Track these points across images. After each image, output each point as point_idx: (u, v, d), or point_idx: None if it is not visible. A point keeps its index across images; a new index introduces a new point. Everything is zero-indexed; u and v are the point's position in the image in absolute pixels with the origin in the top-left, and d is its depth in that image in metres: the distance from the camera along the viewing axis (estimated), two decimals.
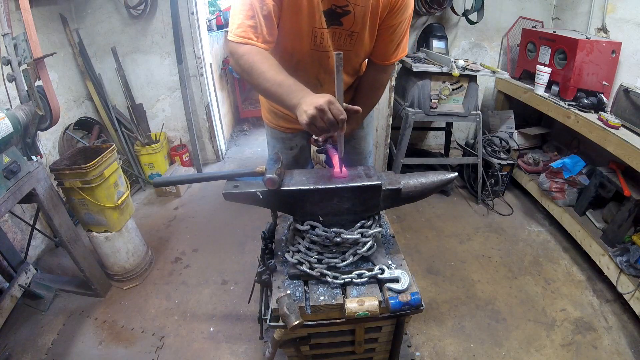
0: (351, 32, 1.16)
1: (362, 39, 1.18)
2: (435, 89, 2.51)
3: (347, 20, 1.12)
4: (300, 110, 0.88)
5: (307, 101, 0.87)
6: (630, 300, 1.81)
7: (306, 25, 1.10)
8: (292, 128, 1.47)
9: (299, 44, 1.15)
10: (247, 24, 1.01)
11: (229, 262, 2.30)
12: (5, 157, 1.49)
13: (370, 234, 1.07)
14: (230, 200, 1.02)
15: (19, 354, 1.73)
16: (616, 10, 2.41)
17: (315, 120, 0.86)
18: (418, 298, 1.01)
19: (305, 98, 0.89)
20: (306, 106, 0.86)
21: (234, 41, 1.03)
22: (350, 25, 1.14)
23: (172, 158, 3.35)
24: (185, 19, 2.91)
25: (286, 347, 1.17)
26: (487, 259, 2.30)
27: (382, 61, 1.28)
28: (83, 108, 2.88)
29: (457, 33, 3.15)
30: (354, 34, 1.16)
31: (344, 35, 1.16)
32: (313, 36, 1.13)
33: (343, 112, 0.87)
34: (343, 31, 1.15)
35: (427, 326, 1.85)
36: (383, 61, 1.27)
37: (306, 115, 0.86)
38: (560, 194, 2.45)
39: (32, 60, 1.58)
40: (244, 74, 1.03)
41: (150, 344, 1.78)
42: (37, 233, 2.15)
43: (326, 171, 1.09)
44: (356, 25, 1.13)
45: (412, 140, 3.42)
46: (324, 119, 0.85)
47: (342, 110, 0.87)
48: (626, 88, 2.04)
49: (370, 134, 1.62)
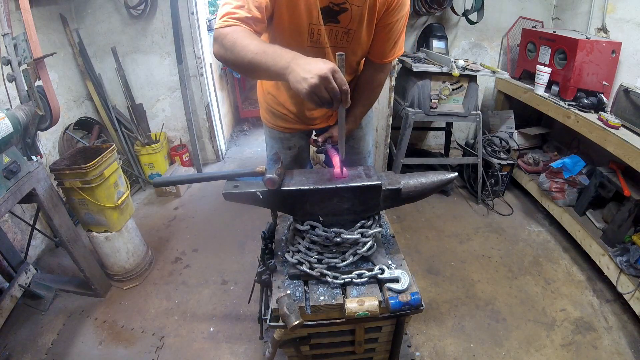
0: (348, 29, 1.16)
1: (359, 37, 1.18)
2: (435, 89, 2.51)
3: (344, 18, 1.12)
4: (298, 76, 0.78)
5: (306, 67, 0.78)
6: (630, 300, 1.81)
7: (304, 22, 1.10)
8: (291, 128, 1.47)
9: (297, 40, 1.15)
10: (235, 12, 0.97)
11: (229, 262, 2.30)
12: (5, 157, 1.49)
13: (370, 234, 1.07)
14: (230, 200, 1.02)
15: (19, 354, 1.73)
16: (616, 10, 2.41)
17: (318, 90, 0.77)
18: (418, 298, 1.01)
19: (298, 60, 0.81)
20: (305, 72, 0.77)
21: (220, 26, 0.96)
22: (347, 23, 1.14)
23: (172, 158, 3.35)
24: (185, 19, 2.91)
25: (286, 347, 1.17)
26: (487, 259, 2.30)
27: (379, 59, 1.28)
28: (83, 108, 2.88)
29: (457, 33, 3.15)
30: (350, 31, 1.16)
31: (341, 33, 1.16)
32: (310, 33, 1.13)
33: (346, 83, 0.79)
34: (340, 29, 1.15)
35: (427, 326, 1.85)
36: (380, 59, 1.28)
37: (307, 84, 0.76)
38: (560, 194, 2.45)
39: (32, 60, 1.58)
40: (227, 52, 0.93)
41: (150, 344, 1.78)
42: (37, 233, 2.15)
43: (326, 171, 1.09)
44: (353, 22, 1.13)
45: (412, 140, 3.42)
46: (328, 88, 0.77)
47: (345, 80, 0.79)
48: (626, 88, 2.04)
49: (369, 134, 1.62)
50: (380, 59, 1.28)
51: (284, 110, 1.44)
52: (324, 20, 1.11)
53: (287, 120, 1.45)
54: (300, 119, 1.45)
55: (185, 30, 2.94)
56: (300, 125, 1.48)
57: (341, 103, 0.82)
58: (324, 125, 1.50)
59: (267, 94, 1.46)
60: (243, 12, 0.96)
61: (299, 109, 1.41)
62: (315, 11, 1.09)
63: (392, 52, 1.25)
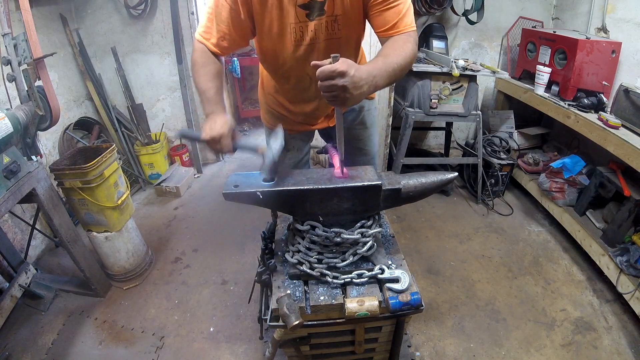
0: (335, 16, 1.12)
1: (349, 20, 1.14)
2: (435, 89, 2.51)
3: (328, 6, 1.10)
4: (205, 128, 1.05)
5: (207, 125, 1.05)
6: (630, 300, 1.81)
7: (284, 23, 1.10)
8: (291, 129, 1.47)
9: (281, 42, 1.14)
10: (206, 24, 1.14)
11: (229, 262, 2.30)
12: (5, 157, 1.49)
13: (370, 234, 1.07)
14: (230, 200, 1.02)
15: (19, 354, 1.73)
16: (616, 10, 2.41)
17: (208, 144, 1.05)
18: (418, 298, 1.01)
19: (210, 116, 1.08)
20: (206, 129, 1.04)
21: (196, 38, 1.17)
22: (332, 11, 1.11)
23: (172, 158, 3.35)
24: (185, 19, 2.91)
25: (286, 347, 1.17)
26: (487, 259, 2.30)
27: (389, 31, 1.10)
28: (83, 108, 2.88)
29: (457, 33, 3.15)
30: (338, 17, 1.12)
31: (330, 22, 1.13)
32: (292, 33, 1.12)
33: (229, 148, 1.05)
34: (328, 18, 1.12)
35: (427, 326, 1.85)
36: (391, 31, 1.10)
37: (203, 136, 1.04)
38: (560, 194, 2.45)
39: (32, 60, 1.59)
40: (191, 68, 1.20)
41: (150, 344, 1.78)
42: (37, 233, 2.15)
43: (326, 171, 1.09)
44: (337, 7, 1.10)
45: (412, 140, 3.41)
46: (214, 147, 1.06)
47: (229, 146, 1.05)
48: (626, 88, 2.04)
49: (375, 134, 1.60)
50: (390, 31, 1.09)
51: (283, 112, 1.43)
52: (309, 16, 1.10)
53: (287, 122, 1.44)
54: (299, 120, 1.45)
55: (185, 30, 2.94)
56: (300, 127, 1.48)
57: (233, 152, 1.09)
58: (324, 126, 1.50)
59: (268, 95, 1.46)
60: (209, 24, 1.14)
61: (299, 110, 1.41)
62: (292, 10, 1.08)
63: (401, 22, 1.08)
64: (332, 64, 0.84)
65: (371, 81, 0.91)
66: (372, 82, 0.92)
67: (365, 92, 0.91)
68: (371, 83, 0.92)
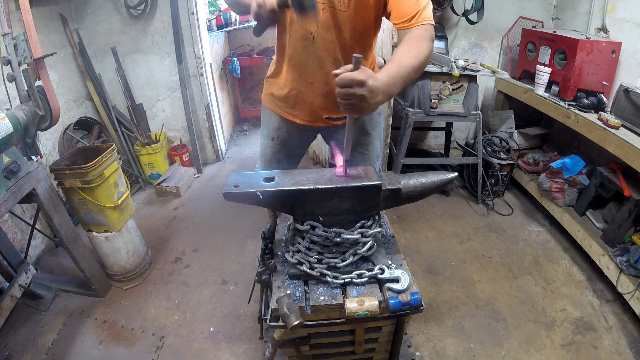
0: None
1: (361, 2, 1.15)
2: (435, 89, 2.51)
3: None
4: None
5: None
6: (630, 300, 1.81)
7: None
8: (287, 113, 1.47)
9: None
10: None
11: (229, 262, 2.30)
12: (5, 157, 1.49)
13: (370, 234, 1.07)
14: (230, 200, 1.02)
15: (19, 354, 1.73)
16: (616, 10, 2.41)
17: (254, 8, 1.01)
18: (418, 298, 1.01)
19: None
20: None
21: None
22: None
23: (172, 158, 3.35)
24: (185, 19, 2.91)
25: (286, 347, 1.17)
26: (487, 259, 2.30)
27: (407, 23, 1.10)
28: (83, 108, 2.88)
29: (457, 33, 3.15)
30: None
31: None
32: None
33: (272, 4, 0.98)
34: None
35: (427, 326, 1.85)
36: (408, 23, 1.10)
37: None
38: (560, 194, 2.45)
39: (32, 60, 1.58)
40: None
41: (150, 344, 1.78)
42: (37, 233, 2.15)
43: (326, 171, 1.09)
44: None
45: (412, 140, 3.41)
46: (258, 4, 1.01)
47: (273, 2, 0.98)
48: (626, 88, 2.04)
49: (377, 139, 1.58)
50: (409, 21, 1.09)
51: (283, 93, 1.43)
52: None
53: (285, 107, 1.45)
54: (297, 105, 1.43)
55: (185, 30, 2.94)
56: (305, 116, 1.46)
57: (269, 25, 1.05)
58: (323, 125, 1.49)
59: (267, 80, 1.49)
60: None
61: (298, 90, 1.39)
62: None
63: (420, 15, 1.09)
64: (352, 72, 0.85)
65: (386, 90, 0.94)
66: (386, 91, 0.95)
67: (380, 101, 0.93)
68: (386, 92, 0.94)
